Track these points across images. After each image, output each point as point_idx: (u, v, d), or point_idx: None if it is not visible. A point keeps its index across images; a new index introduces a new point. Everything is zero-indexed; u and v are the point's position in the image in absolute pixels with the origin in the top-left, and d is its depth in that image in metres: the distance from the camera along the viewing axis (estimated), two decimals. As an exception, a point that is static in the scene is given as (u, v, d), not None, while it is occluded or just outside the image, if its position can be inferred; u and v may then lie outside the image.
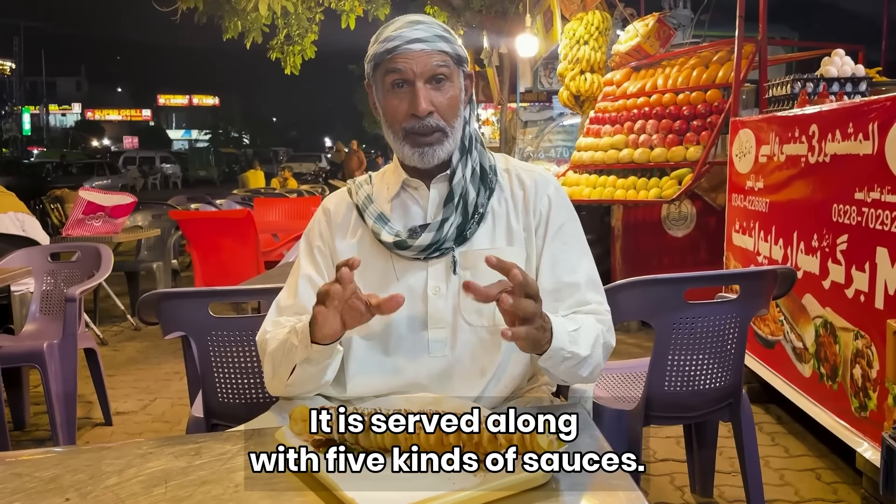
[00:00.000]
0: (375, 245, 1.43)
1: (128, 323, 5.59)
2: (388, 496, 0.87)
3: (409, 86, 1.36)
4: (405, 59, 1.35)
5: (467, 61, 1.44)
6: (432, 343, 1.39)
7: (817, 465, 2.87)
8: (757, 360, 3.34)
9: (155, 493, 0.97)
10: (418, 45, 1.35)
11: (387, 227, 1.42)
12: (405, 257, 1.40)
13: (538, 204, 1.45)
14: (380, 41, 1.38)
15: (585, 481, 0.97)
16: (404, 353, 1.40)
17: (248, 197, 8.20)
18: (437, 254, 1.39)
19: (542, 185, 1.47)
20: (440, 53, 1.36)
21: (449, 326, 1.39)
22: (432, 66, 1.35)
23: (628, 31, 5.51)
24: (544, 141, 9.73)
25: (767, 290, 2.06)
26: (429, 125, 1.36)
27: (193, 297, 1.93)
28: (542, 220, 1.44)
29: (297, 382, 1.36)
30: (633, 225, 5.12)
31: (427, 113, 1.35)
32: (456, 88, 1.39)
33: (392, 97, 1.38)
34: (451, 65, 1.39)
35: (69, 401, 3.13)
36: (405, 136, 1.38)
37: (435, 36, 1.37)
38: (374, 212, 1.44)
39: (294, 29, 9.53)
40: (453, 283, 1.39)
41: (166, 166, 36.00)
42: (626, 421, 2.04)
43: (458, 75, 1.41)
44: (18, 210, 4.10)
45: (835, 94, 3.44)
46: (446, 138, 1.38)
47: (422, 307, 1.39)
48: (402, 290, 1.37)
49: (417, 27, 1.37)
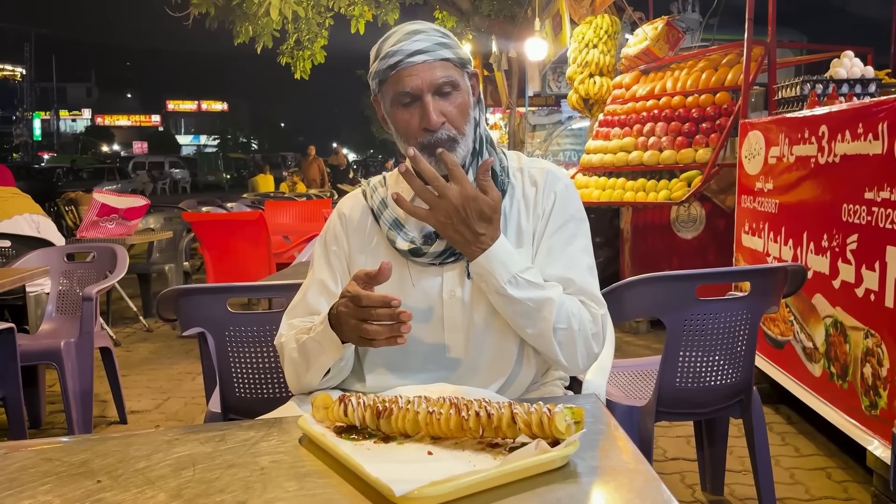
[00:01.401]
0: (391, 251, 1.44)
1: (140, 324, 5.64)
2: (410, 475, 0.90)
3: (417, 101, 1.36)
4: (409, 74, 1.35)
5: (470, 61, 1.44)
6: (448, 347, 1.42)
7: (828, 464, 2.88)
8: (767, 360, 3.36)
9: (184, 476, 1.00)
10: (420, 56, 1.34)
11: (402, 234, 1.43)
12: (420, 263, 1.42)
13: (545, 201, 1.45)
14: (381, 57, 1.38)
15: (603, 465, 1.00)
16: (421, 357, 1.42)
17: (258, 200, 8.26)
18: (452, 259, 1.41)
19: (550, 182, 1.47)
20: (443, 62, 1.36)
21: (464, 330, 1.41)
22: (437, 77, 1.35)
23: (637, 34, 5.53)
24: (553, 144, 9.76)
25: (778, 287, 2.08)
26: (441, 137, 1.36)
27: (212, 294, 1.96)
28: (545, 216, 1.45)
29: (328, 379, 1.41)
30: (642, 227, 5.14)
31: (439, 126, 1.36)
32: (464, 94, 1.40)
33: (402, 113, 1.38)
34: (456, 70, 1.39)
35: (85, 398, 3.17)
36: (421, 150, 1.36)
37: (435, 44, 1.36)
38: (388, 217, 1.45)
39: (304, 34, 9.60)
40: (468, 288, 1.41)
41: (175, 171, 36.20)
42: (638, 417, 2.07)
43: (463, 79, 1.40)
44: (34, 212, 4.14)
45: (844, 95, 3.45)
46: (458, 146, 1.39)
47: (438, 311, 1.41)
48: (417, 294, 1.41)
49: (416, 38, 1.36)
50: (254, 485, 0.97)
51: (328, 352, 1.34)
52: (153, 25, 58.31)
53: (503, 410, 1.01)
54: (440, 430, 1.04)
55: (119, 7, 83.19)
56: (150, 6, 9.29)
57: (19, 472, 1.04)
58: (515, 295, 1.32)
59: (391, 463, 0.99)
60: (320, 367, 1.37)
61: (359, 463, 0.95)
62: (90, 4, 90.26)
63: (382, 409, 1.07)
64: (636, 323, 5.05)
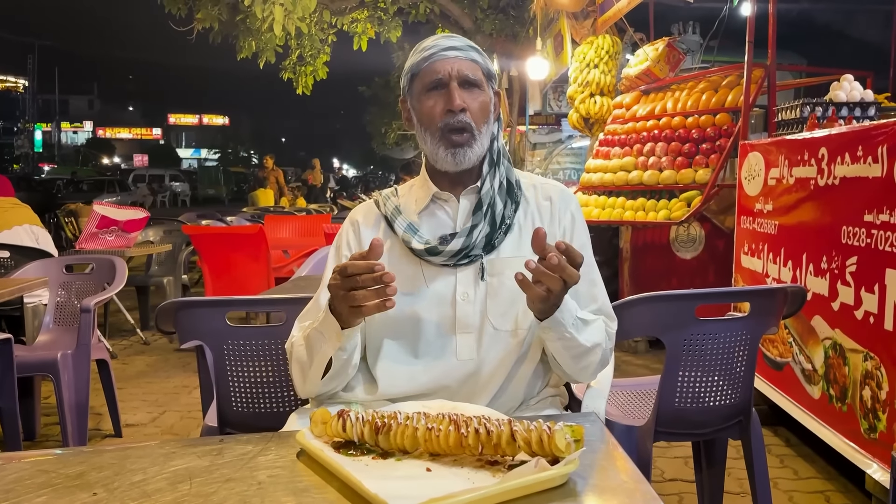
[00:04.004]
0: (405, 254, 1.48)
1: (137, 337, 5.62)
2: (408, 492, 0.89)
3: (444, 88, 1.45)
4: (441, 63, 1.45)
5: (496, 79, 1.53)
6: (460, 347, 1.44)
7: (826, 488, 2.87)
8: (766, 381, 3.35)
9: (180, 489, 1.00)
10: (453, 52, 1.46)
11: (417, 236, 1.47)
12: (434, 264, 1.46)
13: (563, 218, 1.53)
14: (416, 52, 1.49)
15: (602, 484, 0.99)
16: (433, 356, 1.45)
17: (258, 214, 8.26)
18: (466, 260, 1.45)
19: (566, 201, 1.55)
20: (472, 62, 1.47)
21: (476, 331, 1.45)
22: (465, 69, 1.45)
23: (638, 55, 5.57)
24: (553, 163, 9.79)
25: (778, 308, 2.08)
26: (462, 121, 1.44)
27: (211, 307, 1.95)
28: (567, 237, 1.51)
29: (334, 374, 1.41)
30: (641, 246, 5.14)
31: (461, 109, 1.43)
32: (486, 97, 1.48)
33: (427, 99, 1.47)
34: (483, 76, 1.48)
35: (81, 411, 3.15)
36: (441, 137, 1.45)
37: (468, 46, 1.49)
38: (403, 222, 1.50)
39: (307, 50, 9.66)
40: (481, 289, 1.45)
41: (175, 184, 36.25)
42: (637, 437, 2.05)
43: (487, 86, 1.49)
44: (33, 223, 4.14)
45: (844, 118, 3.47)
46: (475, 141, 1.46)
47: (450, 312, 1.45)
48: (431, 295, 1.45)
49: (453, 38, 1.49)
50: (251, 499, 0.96)
51: (329, 340, 1.35)
52: (156, 39, 58.63)
53: (503, 428, 1.01)
54: (439, 447, 1.03)
55: (123, 21, 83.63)
56: (154, 20, 9.36)
57: (14, 484, 1.03)
58: (578, 338, 1.37)
59: (389, 479, 0.98)
60: (322, 357, 1.38)
61: (357, 479, 0.94)
62: (94, 17, 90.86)
63: (381, 424, 1.07)
64: (635, 342, 5.04)
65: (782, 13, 3.85)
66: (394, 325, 1.46)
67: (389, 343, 1.47)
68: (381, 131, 24.31)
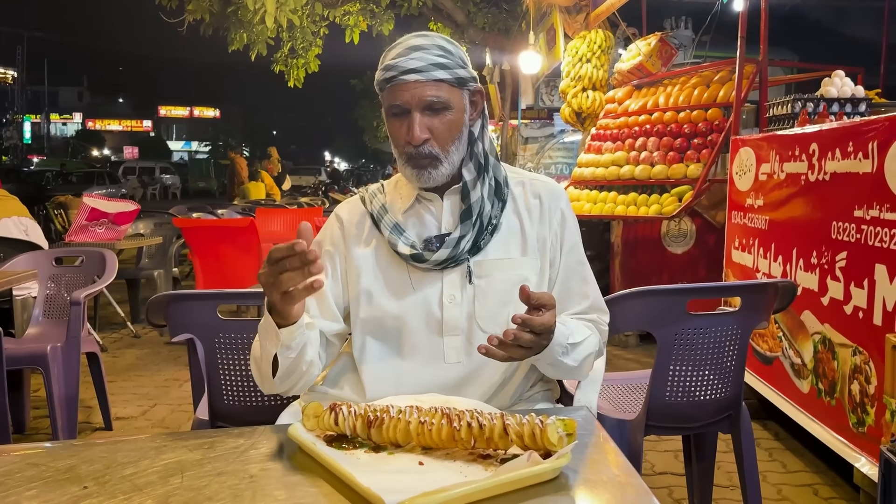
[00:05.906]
0: (392, 255, 1.46)
1: (127, 330, 5.60)
2: (401, 486, 0.89)
3: (407, 113, 1.40)
4: (401, 90, 1.38)
5: (473, 79, 1.46)
6: (447, 350, 1.43)
7: (815, 481, 2.89)
8: (755, 376, 3.37)
9: (172, 483, 0.99)
10: (412, 76, 1.37)
11: (402, 238, 1.45)
12: (421, 268, 1.44)
13: (552, 217, 1.50)
14: (381, 68, 1.41)
15: (594, 477, 1.00)
16: (420, 360, 1.43)
17: (249, 208, 8.23)
18: (453, 265, 1.44)
19: (556, 198, 1.53)
20: (434, 83, 1.38)
21: (464, 333, 1.43)
22: (427, 94, 1.38)
23: (630, 49, 5.57)
24: (545, 157, 9.79)
25: (768, 303, 2.09)
26: (423, 153, 1.40)
27: (202, 300, 1.95)
28: (557, 235, 1.50)
29: (285, 374, 1.35)
30: (632, 241, 5.16)
31: (422, 141, 1.39)
32: (455, 112, 1.42)
33: (393, 122, 1.43)
34: (450, 90, 1.41)
35: (71, 404, 3.14)
36: (407, 159, 1.43)
37: (431, 64, 1.38)
38: (389, 222, 1.48)
39: (298, 42, 9.61)
40: (468, 292, 1.44)
41: (166, 177, 36.04)
42: (627, 430, 2.06)
43: (459, 97, 1.42)
44: (22, 215, 4.11)
45: (835, 114, 3.49)
46: (440, 164, 1.42)
47: (437, 315, 1.43)
48: (417, 298, 1.43)
49: (413, 56, 1.38)
50: (243, 493, 0.96)
51: (270, 338, 1.30)
52: (147, 31, 58.26)
53: (495, 422, 1.01)
54: (431, 441, 1.03)
55: (113, 12, 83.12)
56: (144, 12, 9.29)
57: (4, 477, 1.02)
58: (567, 362, 1.36)
59: (382, 473, 0.98)
60: (267, 356, 1.33)
61: (350, 472, 0.94)
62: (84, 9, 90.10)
63: (374, 418, 1.07)
64: (626, 337, 5.06)
65: (774, 9, 3.86)
66: (380, 327, 1.45)
67: (376, 345, 1.46)
68: (373, 125, 24.25)
